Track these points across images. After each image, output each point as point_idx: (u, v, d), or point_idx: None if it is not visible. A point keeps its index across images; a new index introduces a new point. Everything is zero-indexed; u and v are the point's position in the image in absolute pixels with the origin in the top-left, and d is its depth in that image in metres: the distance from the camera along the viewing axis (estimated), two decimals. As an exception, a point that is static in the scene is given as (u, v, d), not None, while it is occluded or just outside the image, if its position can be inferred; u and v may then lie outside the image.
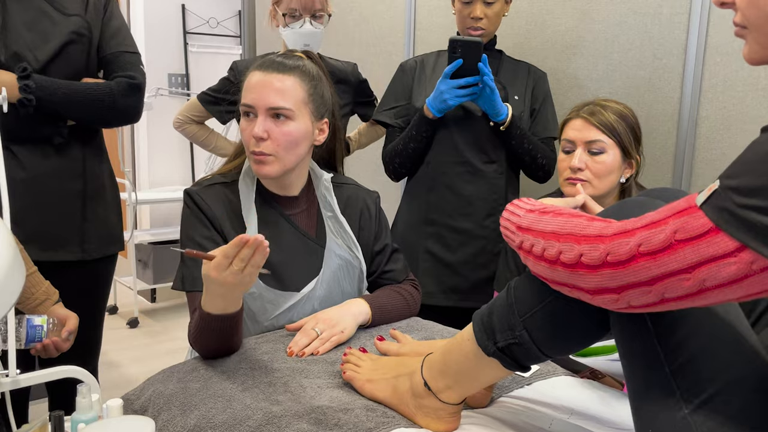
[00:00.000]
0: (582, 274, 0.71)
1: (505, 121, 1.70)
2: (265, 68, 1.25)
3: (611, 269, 0.68)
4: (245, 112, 1.25)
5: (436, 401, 0.91)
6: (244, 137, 1.25)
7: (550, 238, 0.76)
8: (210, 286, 1.05)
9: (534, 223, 0.81)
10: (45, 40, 1.51)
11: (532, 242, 0.79)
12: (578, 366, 1.26)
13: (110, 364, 3.21)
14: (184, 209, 1.29)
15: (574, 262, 0.71)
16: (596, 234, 0.70)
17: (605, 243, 0.68)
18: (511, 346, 0.83)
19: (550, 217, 0.79)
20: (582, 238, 0.71)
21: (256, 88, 1.23)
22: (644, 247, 0.65)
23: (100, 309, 1.77)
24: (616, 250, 0.67)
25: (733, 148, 1.66)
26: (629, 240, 0.67)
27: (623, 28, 1.85)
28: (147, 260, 4.04)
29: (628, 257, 0.66)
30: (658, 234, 0.65)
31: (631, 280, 0.67)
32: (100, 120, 1.62)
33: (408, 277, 1.48)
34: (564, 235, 0.74)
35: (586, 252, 0.70)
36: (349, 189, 1.45)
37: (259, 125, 1.22)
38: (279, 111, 1.23)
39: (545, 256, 0.76)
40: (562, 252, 0.73)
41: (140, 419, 0.88)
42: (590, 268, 0.70)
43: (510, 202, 0.93)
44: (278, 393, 1.00)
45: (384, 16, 2.55)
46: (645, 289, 0.66)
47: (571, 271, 0.72)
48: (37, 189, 1.54)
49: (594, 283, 0.70)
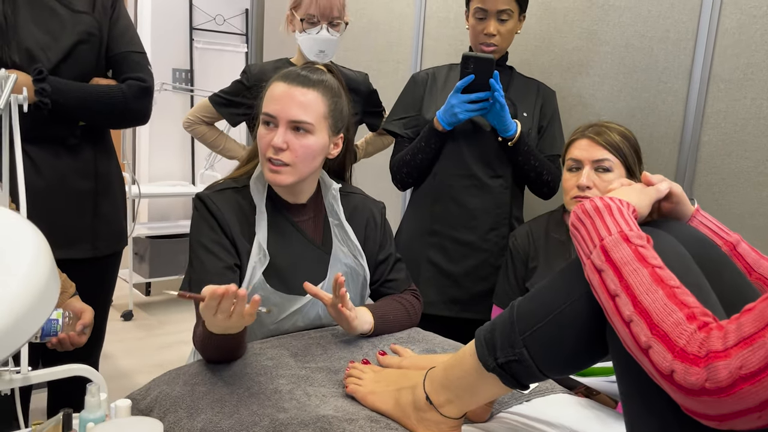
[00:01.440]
0: (674, 390, 0.65)
1: (513, 137, 1.73)
2: (290, 80, 1.27)
3: (711, 397, 0.61)
4: (266, 121, 1.28)
5: (438, 415, 0.93)
6: (262, 144, 1.28)
7: (640, 315, 0.69)
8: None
9: (627, 264, 0.73)
10: (56, 39, 1.52)
11: (615, 290, 0.72)
12: (573, 383, 1.29)
13: (103, 355, 3.17)
14: (194, 213, 1.31)
15: (666, 372, 0.65)
16: (694, 354, 0.63)
17: (701, 366, 0.62)
18: (510, 363, 0.85)
19: (648, 279, 0.70)
20: (678, 351, 0.64)
21: (280, 99, 1.26)
22: (745, 370, 0.59)
23: (106, 304, 1.79)
24: (715, 376, 0.61)
25: (733, 175, 1.69)
26: (728, 363, 0.60)
27: (630, 50, 1.88)
28: (144, 254, 4.05)
29: (729, 383, 0.60)
30: (758, 351, 0.59)
31: (735, 408, 0.60)
32: (111, 122, 1.65)
33: (410, 287, 1.51)
34: (658, 328, 0.67)
35: (680, 371, 0.63)
36: (356, 198, 1.48)
37: (279, 136, 1.25)
38: (300, 124, 1.26)
39: (631, 328, 0.69)
40: (651, 348, 0.66)
41: (149, 421, 0.90)
42: (685, 390, 0.63)
43: (599, 197, 0.83)
44: (284, 400, 1.02)
45: (393, 26, 2.58)
46: (754, 416, 0.60)
47: (660, 377, 0.66)
48: (50, 189, 1.56)
49: (689, 406, 0.64)
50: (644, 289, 0.70)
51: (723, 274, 0.81)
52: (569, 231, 0.84)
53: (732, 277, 0.80)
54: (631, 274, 0.71)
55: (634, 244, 0.75)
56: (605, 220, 0.79)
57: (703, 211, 0.97)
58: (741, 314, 0.63)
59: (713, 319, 0.66)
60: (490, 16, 1.75)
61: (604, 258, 0.75)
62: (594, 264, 0.76)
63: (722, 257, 0.85)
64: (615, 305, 0.71)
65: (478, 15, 1.77)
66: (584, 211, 0.81)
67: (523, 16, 1.82)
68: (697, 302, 0.69)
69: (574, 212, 0.83)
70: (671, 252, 0.78)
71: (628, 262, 0.73)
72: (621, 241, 0.75)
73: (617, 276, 0.72)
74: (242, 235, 1.29)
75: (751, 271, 0.89)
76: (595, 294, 0.76)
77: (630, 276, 0.71)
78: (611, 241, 0.75)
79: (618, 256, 0.74)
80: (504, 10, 1.74)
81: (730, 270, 0.83)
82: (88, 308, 1.38)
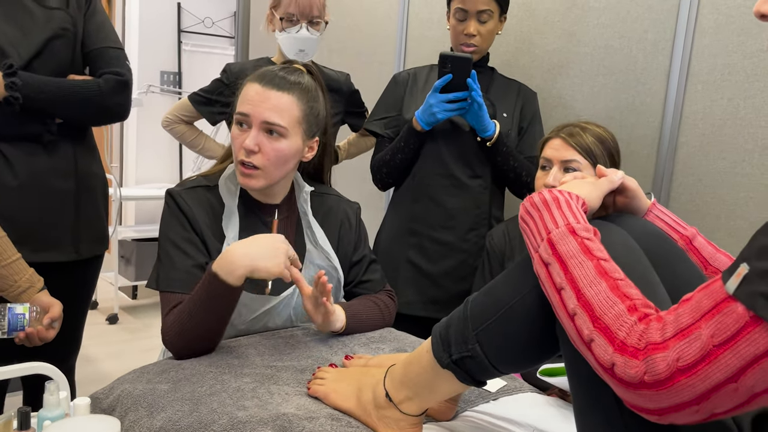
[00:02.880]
0: (616, 384, 0.64)
1: (491, 137, 1.73)
2: (265, 82, 1.26)
3: (650, 390, 0.61)
4: (239, 121, 1.26)
5: (397, 412, 0.92)
6: (235, 145, 1.26)
7: (583, 307, 0.68)
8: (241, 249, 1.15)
9: (572, 257, 0.72)
10: (27, 34, 1.49)
11: (561, 283, 0.72)
12: (546, 384, 1.28)
13: (87, 359, 3.20)
14: (165, 209, 1.30)
15: (607, 365, 0.64)
16: (633, 346, 0.62)
17: (640, 359, 0.61)
18: (464, 359, 0.84)
19: (592, 271, 0.70)
20: (618, 344, 0.63)
21: (254, 100, 1.24)
22: (682, 362, 0.59)
23: (84, 308, 1.77)
24: (653, 369, 0.60)
25: (710, 175, 1.69)
26: (666, 355, 0.60)
27: (609, 51, 1.88)
28: (130, 257, 4.03)
29: (667, 375, 0.59)
30: (694, 342, 0.59)
31: (674, 401, 0.60)
32: (88, 118, 1.62)
33: (384, 287, 1.50)
34: (600, 321, 0.66)
35: (620, 364, 0.63)
36: (330, 199, 1.47)
37: (251, 138, 1.23)
38: (273, 127, 1.24)
39: (575, 322, 0.69)
40: (594, 341, 0.66)
41: (106, 419, 0.88)
42: (625, 384, 0.63)
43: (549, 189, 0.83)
44: (245, 398, 1.01)
45: (376, 27, 2.58)
46: (692, 409, 0.60)
47: (602, 371, 0.66)
48: (28, 188, 1.53)
49: (630, 399, 0.64)
50: (588, 282, 0.69)
51: (676, 268, 0.80)
52: (519, 225, 0.83)
53: (685, 270, 0.79)
54: (576, 267, 0.71)
55: (581, 236, 0.74)
56: (553, 213, 0.78)
57: (660, 205, 0.96)
58: (679, 305, 0.63)
59: (655, 310, 0.65)
60: (471, 16, 1.75)
61: (551, 251, 0.74)
62: (541, 257, 0.75)
63: (676, 251, 0.84)
64: (560, 298, 0.70)
65: (458, 15, 1.77)
66: (533, 204, 0.81)
67: (504, 17, 1.82)
68: (640, 294, 0.68)
69: (522, 205, 0.82)
70: (619, 245, 0.77)
71: (573, 255, 0.72)
72: (567, 234, 0.74)
73: (563, 269, 0.72)
74: (213, 234, 1.28)
75: (707, 264, 0.88)
76: (543, 288, 0.75)
77: (575, 269, 0.71)
78: (558, 234, 0.75)
79: (564, 249, 0.73)
80: (484, 11, 1.74)
81: (684, 263, 0.82)
82: (56, 302, 1.36)
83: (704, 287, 0.61)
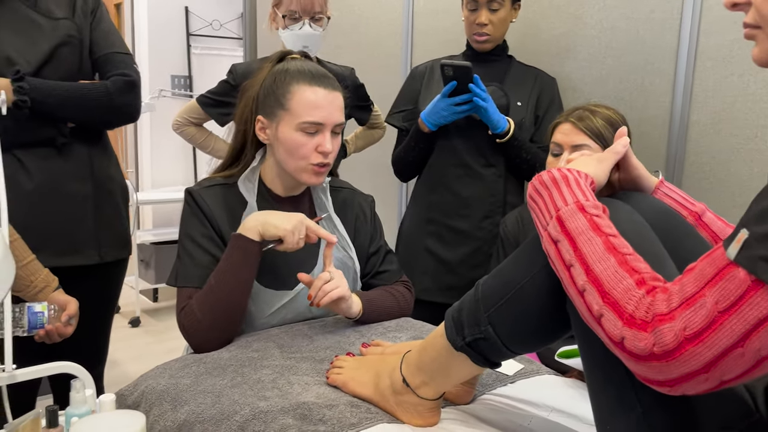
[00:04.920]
0: (626, 357, 0.65)
1: (502, 133, 1.75)
2: (324, 84, 1.29)
3: (659, 362, 0.61)
4: (310, 130, 1.27)
5: (415, 397, 0.93)
6: (303, 151, 1.28)
7: (593, 283, 0.68)
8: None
9: (581, 234, 0.73)
10: (35, 44, 1.52)
11: (570, 260, 0.72)
12: (564, 367, 1.28)
13: (112, 362, 3.24)
14: (185, 207, 1.32)
15: (617, 339, 0.65)
16: (641, 319, 0.63)
17: (648, 331, 0.62)
18: (477, 341, 0.85)
19: (601, 247, 0.70)
20: (627, 318, 0.64)
21: (324, 105, 1.27)
22: (689, 331, 0.59)
23: (110, 313, 1.79)
24: (661, 340, 0.61)
25: (723, 153, 1.68)
26: (673, 325, 0.60)
27: (616, 32, 1.87)
28: (149, 260, 4.08)
29: (675, 345, 0.60)
30: (699, 310, 0.59)
31: (683, 371, 0.60)
32: (99, 120, 1.63)
33: (401, 278, 1.51)
34: (609, 296, 0.66)
35: (629, 338, 0.63)
36: (344, 193, 1.48)
37: (329, 141, 1.28)
38: (340, 127, 1.31)
39: (585, 298, 0.69)
40: (603, 316, 0.66)
41: (132, 414, 0.91)
42: (635, 357, 0.63)
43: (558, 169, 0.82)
44: (266, 389, 1.02)
45: (382, 20, 2.58)
46: (701, 378, 0.60)
47: (613, 345, 0.66)
48: (44, 192, 1.55)
49: (640, 372, 0.65)
50: (597, 257, 0.69)
51: (685, 242, 0.81)
52: (527, 204, 0.83)
53: (695, 245, 0.79)
54: (585, 243, 0.71)
55: (590, 213, 0.74)
56: (562, 190, 0.78)
57: (668, 182, 0.96)
58: (683, 274, 0.63)
59: (662, 282, 0.65)
60: (481, 6, 1.78)
61: (560, 228, 0.75)
62: (551, 235, 0.76)
63: (685, 226, 0.84)
64: (570, 275, 0.71)
65: (469, 6, 1.81)
66: (541, 182, 0.81)
67: (518, 4, 1.84)
68: (649, 268, 0.68)
69: (531, 184, 0.83)
70: (627, 221, 0.78)
71: (582, 231, 0.72)
72: (577, 211, 0.75)
73: (572, 246, 0.72)
74: (231, 230, 1.30)
75: (717, 239, 0.88)
76: (553, 266, 0.76)
77: (584, 245, 0.71)
78: (567, 212, 0.75)
79: (573, 226, 0.73)
80: (494, 0, 1.75)
81: (693, 238, 0.82)
82: (72, 300, 1.40)
83: (706, 256, 0.62)
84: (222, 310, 1.21)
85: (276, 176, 1.36)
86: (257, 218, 1.23)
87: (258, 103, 1.32)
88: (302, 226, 1.23)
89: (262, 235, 1.22)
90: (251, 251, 1.22)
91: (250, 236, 1.22)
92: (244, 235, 1.22)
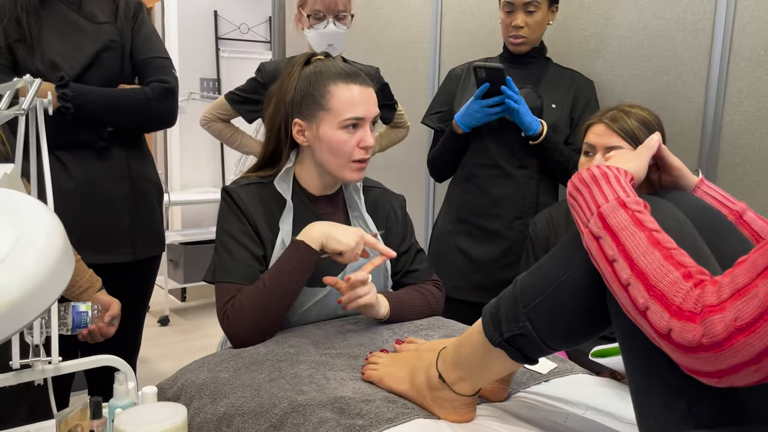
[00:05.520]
0: (673, 349, 0.65)
1: (535, 135, 1.76)
2: (359, 81, 1.32)
3: (708, 353, 0.61)
4: (351, 125, 1.31)
5: (451, 393, 0.94)
6: (347, 148, 1.30)
7: (637, 277, 0.68)
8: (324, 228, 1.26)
9: (624, 229, 0.73)
10: (79, 49, 1.57)
11: (613, 255, 0.72)
12: (598, 367, 1.28)
13: (141, 359, 3.28)
14: (222, 205, 1.35)
15: (664, 332, 0.65)
16: (689, 311, 0.63)
17: (697, 322, 0.61)
18: (516, 337, 0.86)
19: (645, 242, 0.70)
20: (675, 309, 0.64)
21: (362, 101, 1.31)
22: (740, 321, 0.59)
23: (143, 309, 1.84)
24: (711, 331, 0.60)
25: (757, 154, 1.66)
26: (723, 316, 0.60)
27: (647, 33, 1.87)
28: (178, 260, 4.14)
29: (725, 336, 0.59)
30: (751, 301, 0.59)
31: (732, 362, 0.60)
32: (137, 125, 1.68)
33: (431, 277, 1.52)
34: (655, 289, 0.66)
35: (677, 329, 0.63)
36: (375, 192, 1.50)
37: (369, 136, 1.31)
38: (375, 119, 1.34)
39: (629, 291, 0.69)
40: (649, 309, 0.66)
41: (173, 406, 0.93)
42: (683, 348, 0.63)
43: (597, 166, 0.82)
44: (303, 384, 1.04)
45: (410, 22, 2.60)
46: (751, 369, 0.59)
47: (659, 338, 0.66)
48: (84, 192, 1.60)
49: (687, 364, 0.64)
50: (641, 252, 0.70)
51: (727, 240, 0.81)
52: (567, 202, 0.84)
53: (737, 243, 0.79)
54: (629, 238, 0.71)
55: (631, 209, 0.75)
56: (602, 187, 0.78)
57: (708, 181, 0.96)
58: (734, 267, 0.63)
59: (709, 276, 0.66)
60: (517, 8, 1.79)
61: (601, 225, 0.75)
62: (592, 231, 0.76)
63: (726, 224, 0.84)
64: (613, 270, 0.71)
65: (506, 8, 1.82)
66: (581, 180, 0.82)
67: (555, 6, 1.85)
68: (694, 262, 0.68)
69: (571, 182, 0.83)
70: (669, 217, 0.78)
71: (625, 227, 0.73)
72: (618, 207, 0.75)
73: (614, 241, 0.72)
74: (267, 227, 1.33)
75: (758, 238, 0.88)
76: (594, 262, 0.76)
77: (627, 240, 0.71)
78: (608, 208, 0.76)
79: (615, 222, 0.74)
80: (530, 2, 1.78)
81: (735, 237, 0.82)
82: (115, 300, 1.43)
83: (759, 247, 0.62)
84: (272, 309, 1.23)
85: (314, 176, 1.38)
86: (321, 229, 1.25)
87: (293, 107, 1.34)
88: (362, 241, 1.26)
89: (324, 247, 1.25)
90: (308, 261, 1.24)
91: (311, 245, 1.24)
92: (306, 243, 1.24)
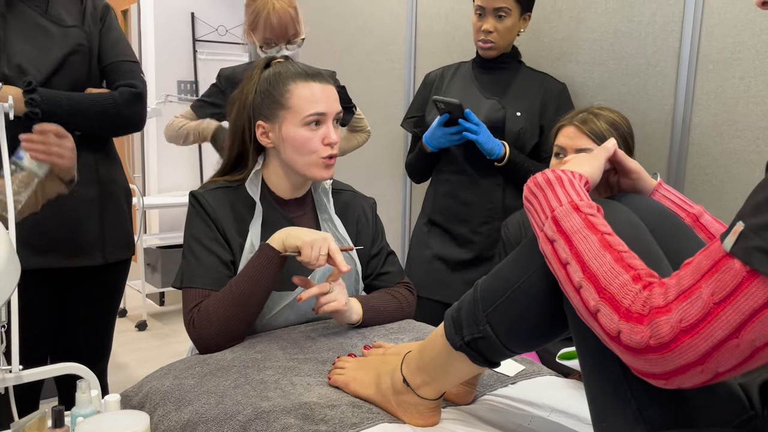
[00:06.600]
0: (622, 351, 0.66)
1: (499, 158, 1.80)
2: (319, 79, 1.32)
3: (655, 354, 0.62)
4: (314, 121, 1.30)
5: (415, 397, 0.94)
6: (312, 145, 1.30)
7: (589, 279, 0.70)
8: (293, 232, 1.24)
9: (577, 233, 0.74)
10: (46, 52, 1.55)
11: (566, 258, 0.73)
12: (567, 369, 1.29)
13: (118, 365, 3.26)
14: (189, 210, 1.34)
15: (614, 334, 0.66)
16: (638, 312, 0.64)
17: (644, 324, 0.63)
18: (476, 340, 0.86)
19: (597, 245, 0.71)
20: (624, 312, 0.65)
21: (323, 98, 1.30)
22: (685, 323, 0.60)
23: (113, 313, 1.82)
24: (657, 332, 0.62)
25: (725, 155, 1.68)
26: (669, 317, 0.61)
27: (618, 36, 1.88)
28: (155, 264, 4.11)
29: (671, 337, 0.61)
30: (695, 302, 0.60)
31: (679, 363, 0.61)
32: (105, 129, 1.67)
33: (402, 280, 1.52)
34: (605, 291, 0.68)
35: (626, 331, 0.64)
36: (346, 195, 1.49)
37: (333, 132, 1.31)
38: (339, 116, 1.34)
39: (581, 294, 0.70)
40: (600, 311, 0.67)
41: (136, 414, 0.92)
42: (632, 350, 0.64)
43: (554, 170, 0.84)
44: (269, 390, 1.04)
45: (385, 25, 2.60)
46: (697, 370, 0.61)
47: (609, 339, 0.67)
48: (52, 197, 1.58)
49: (637, 365, 0.65)
50: (593, 254, 0.70)
51: (681, 243, 0.82)
52: (524, 205, 0.84)
53: (691, 246, 0.80)
54: (581, 241, 0.72)
55: (584, 213, 0.75)
56: (556, 191, 0.79)
57: (666, 185, 0.97)
58: (680, 269, 0.64)
59: (658, 279, 0.66)
60: (488, 13, 1.79)
61: (555, 228, 0.76)
62: (546, 235, 0.77)
63: (681, 227, 0.85)
64: (566, 273, 0.72)
65: (477, 12, 1.82)
66: (536, 183, 0.82)
67: (528, 15, 1.84)
68: (644, 265, 0.69)
69: (526, 186, 0.84)
70: (623, 221, 0.79)
71: (578, 230, 0.73)
72: (572, 211, 0.76)
73: (568, 244, 0.73)
74: (235, 232, 1.32)
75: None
76: (549, 265, 0.77)
77: (580, 243, 0.72)
78: (562, 212, 0.76)
79: (568, 225, 0.75)
80: (501, 8, 1.78)
81: (690, 239, 0.83)
82: None
83: (704, 249, 0.63)
84: (237, 313, 1.22)
85: (282, 178, 1.37)
86: (285, 230, 1.26)
87: (255, 109, 1.33)
88: (323, 243, 1.22)
89: (284, 245, 1.25)
90: (272, 259, 1.24)
91: (274, 245, 1.25)
92: (269, 245, 1.25)
